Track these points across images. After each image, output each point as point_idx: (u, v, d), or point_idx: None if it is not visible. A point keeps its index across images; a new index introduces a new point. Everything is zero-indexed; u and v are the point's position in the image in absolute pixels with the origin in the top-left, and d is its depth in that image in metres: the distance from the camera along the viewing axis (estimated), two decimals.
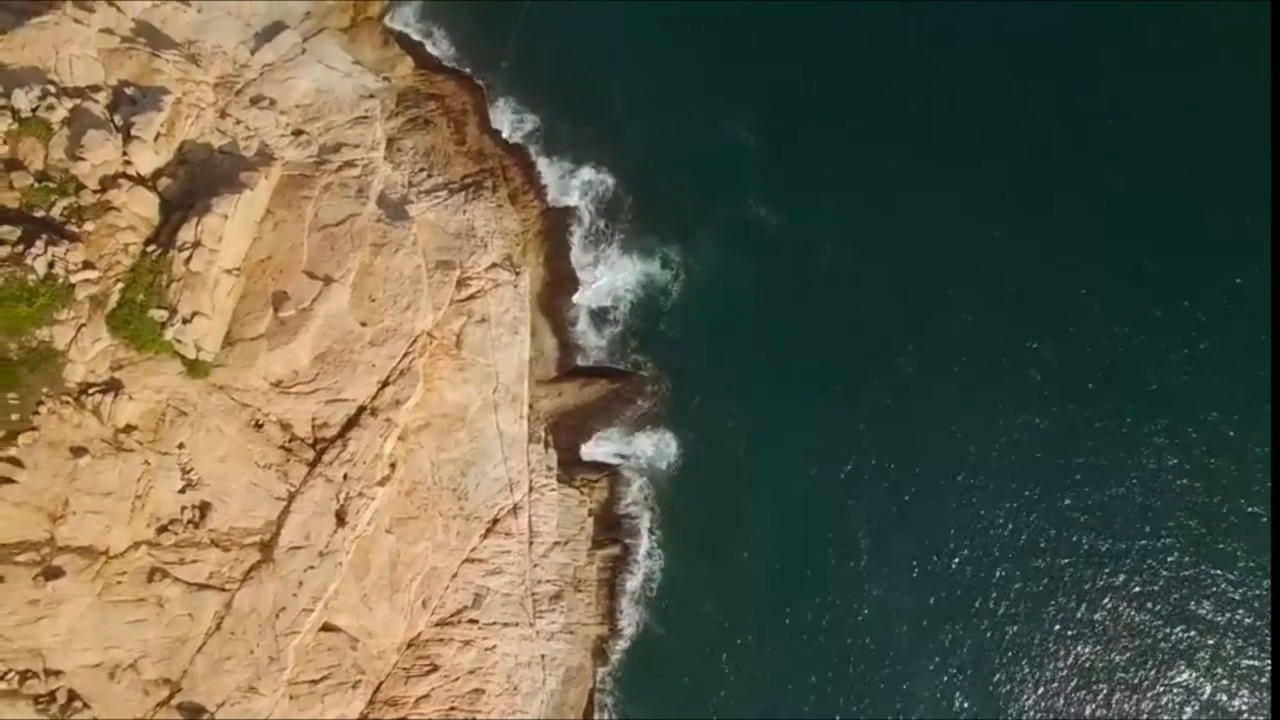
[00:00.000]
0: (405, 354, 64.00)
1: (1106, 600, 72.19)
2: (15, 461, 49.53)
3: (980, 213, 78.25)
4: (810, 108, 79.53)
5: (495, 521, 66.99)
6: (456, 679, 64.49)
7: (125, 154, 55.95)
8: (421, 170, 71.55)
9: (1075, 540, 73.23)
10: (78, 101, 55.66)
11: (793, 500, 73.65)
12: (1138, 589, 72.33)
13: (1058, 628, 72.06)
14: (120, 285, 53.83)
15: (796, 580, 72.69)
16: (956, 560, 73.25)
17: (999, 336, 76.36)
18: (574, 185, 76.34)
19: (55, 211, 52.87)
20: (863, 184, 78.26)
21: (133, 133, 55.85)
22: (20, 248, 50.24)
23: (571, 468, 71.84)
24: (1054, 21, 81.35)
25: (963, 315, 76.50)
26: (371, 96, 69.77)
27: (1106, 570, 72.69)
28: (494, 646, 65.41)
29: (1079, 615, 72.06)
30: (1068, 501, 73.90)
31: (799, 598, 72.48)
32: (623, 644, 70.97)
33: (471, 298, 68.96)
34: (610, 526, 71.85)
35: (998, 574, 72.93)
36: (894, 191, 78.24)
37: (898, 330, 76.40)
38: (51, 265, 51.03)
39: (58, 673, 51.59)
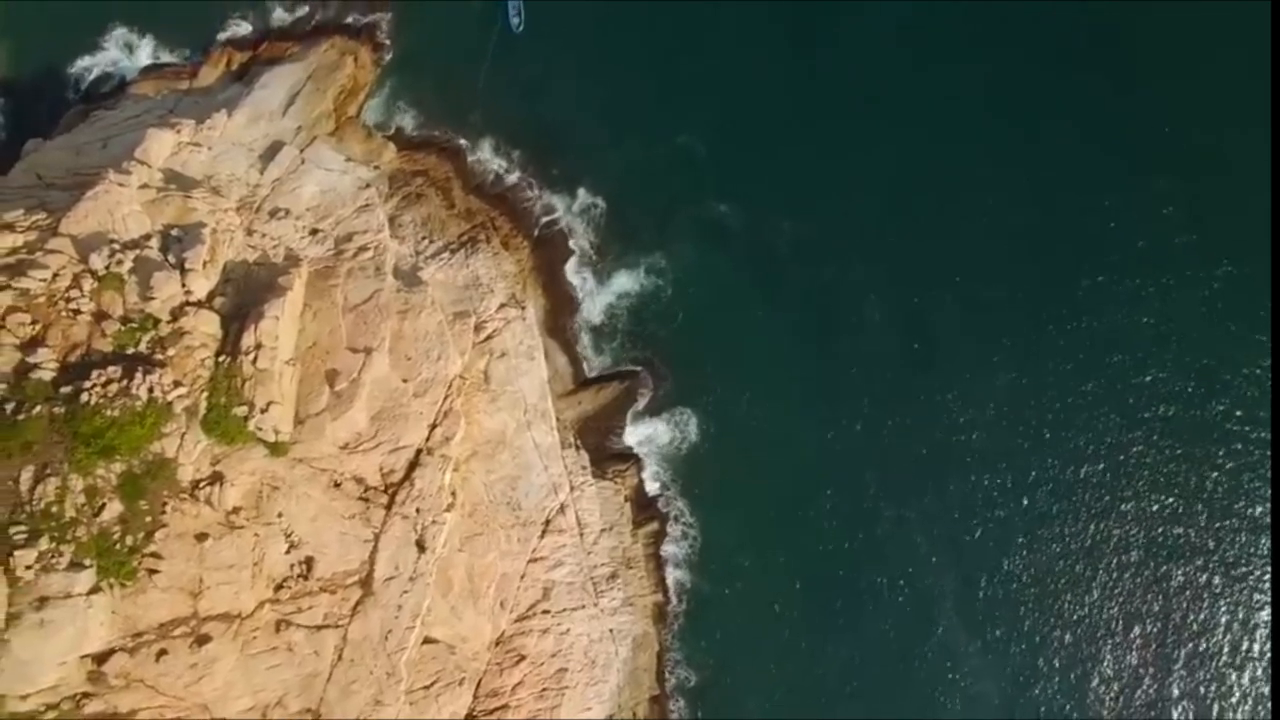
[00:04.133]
0: (445, 397, 72.28)
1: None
2: (156, 555, 58.00)
3: (918, 168, 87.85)
4: (746, 111, 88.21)
5: (548, 523, 76.00)
6: (542, 664, 73.91)
7: (184, 285, 63.88)
8: (424, 238, 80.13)
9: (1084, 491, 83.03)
10: (137, 251, 63.56)
11: (801, 454, 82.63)
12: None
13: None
14: (205, 394, 61.97)
15: (816, 521, 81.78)
16: (955, 485, 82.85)
17: (966, 287, 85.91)
18: (555, 219, 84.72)
19: (142, 346, 61.04)
20: (804, 166, 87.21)
21: (186, 266, 63.78)
22: (124, 382, 58.38)
23: (603, 463, 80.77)
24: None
25: (922, 267, 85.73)
26: (368, 186, 77.65)
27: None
28: (568, 630, 74.74)
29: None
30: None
31: (821, 538, 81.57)
32: (677, 606, 79.97)
33: (489, 338, 77.71)
34: (646, 506, 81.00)
35: (1000, 512, 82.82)
36: (831, 167, 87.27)
37: (867, 287, 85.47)
38: (151, 390, 58.97)
39: None
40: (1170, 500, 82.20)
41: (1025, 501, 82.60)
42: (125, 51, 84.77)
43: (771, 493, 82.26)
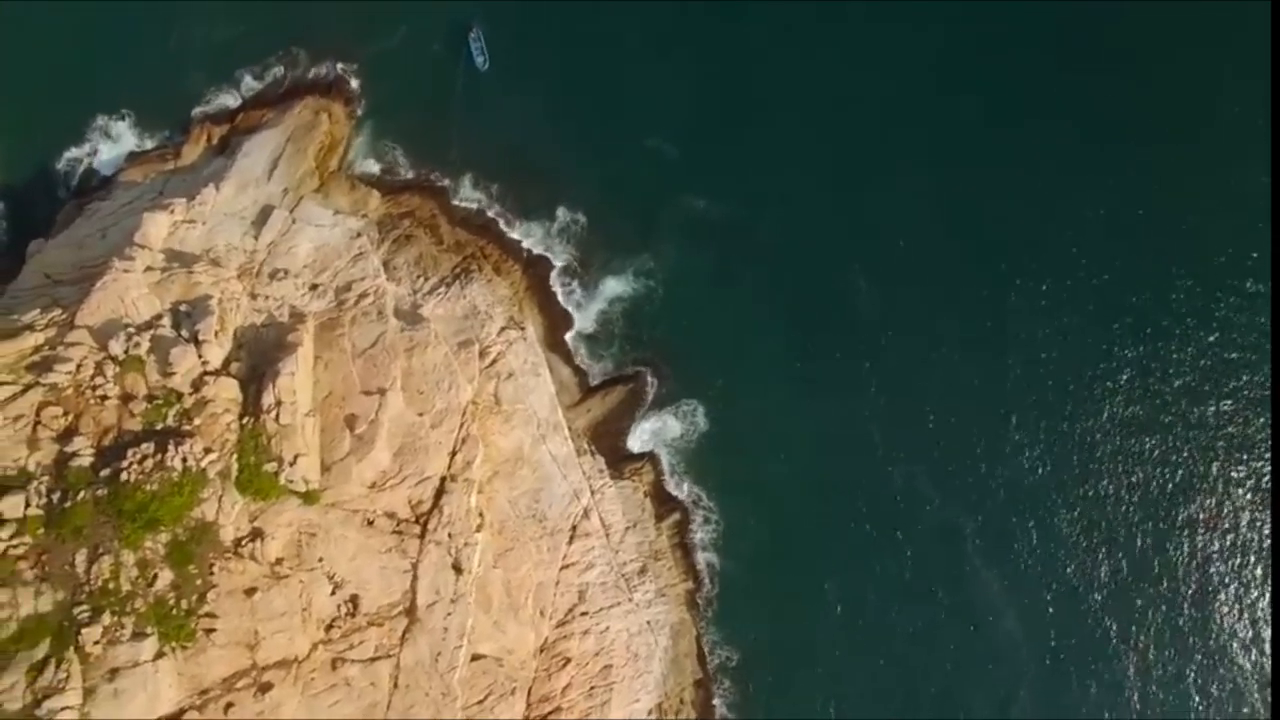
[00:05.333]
0: (460, 424, 75.28)
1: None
2: (211, 615, 61.05)
3: (880, 145, 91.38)
4: (709, 108, 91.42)
5: (574, 529, 79.42)
6: (587, 663, 77.45)
7: (201, 357, 66.80)
8: (419, 277, 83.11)
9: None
10: (151, 331, 66.48)
11: (806, 426, 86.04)
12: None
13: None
14: (235, 456, 64.99)
15: (830, 487, 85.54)
16: (956, 436, 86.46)
17: (940, 251, 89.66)
18: (540, 239, 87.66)
19: (170, 420, 64.03)
20: (772, 153, 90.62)
21: (199, 338, 66.73)
22: (159, 456, 61.28)
23: (619, 464, 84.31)
24: None
25: (897, 234, 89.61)
26: (359, 235, 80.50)
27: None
28: (607, 628, 78.32)
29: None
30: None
31: (837, 501, 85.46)
32: (709, 590, 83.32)
33: (494, 361, 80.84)
34: (665, 499, 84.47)
35: (1001, 455, 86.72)
36: (797, 150, 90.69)
37: (850, 259, 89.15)
38: (184, 461, 61.81)
39: None
40: (1173, 452, 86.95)
41: (1023, 441, 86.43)
42: (108, 140, 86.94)
43: (784, 467, 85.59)
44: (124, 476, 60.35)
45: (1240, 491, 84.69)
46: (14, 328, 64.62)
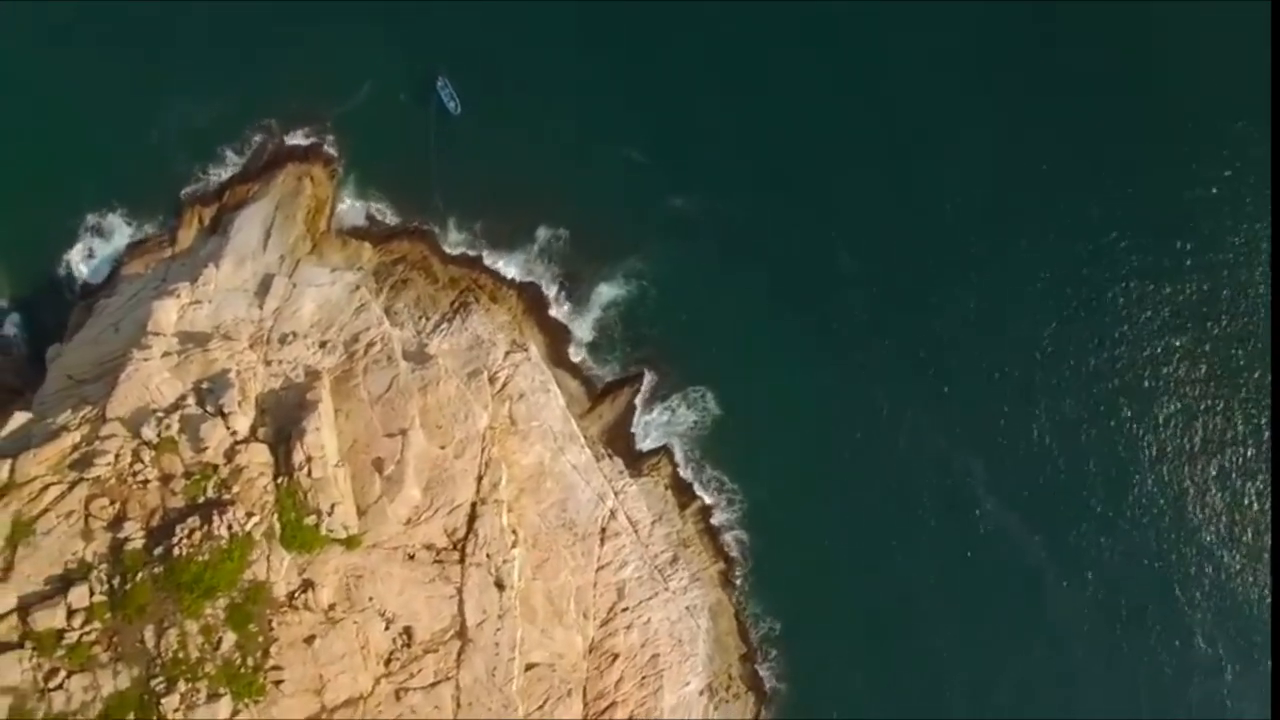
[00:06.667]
0: (482, 450, 78.60)
1: None
2: (277, 667, 64.63)
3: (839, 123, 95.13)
4: (668, 116, 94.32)
5: (603, 531, 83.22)
6: (634, 656, 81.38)
7: (228, 428, 70.23)
8: (420, 318, 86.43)
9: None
10: (179, 412, 69.77)
11: (811, 396, 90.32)
12: None
13: None
14: (276, 515, 68.51)
15: (842, 449, 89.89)
16: (955, 385, 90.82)
17: (915, 217, 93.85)
18: (529, 261, 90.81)
19: (210, 492, 67.48)
20: (741, 143, 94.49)
21: (224, 411, 70.04)
22: (205, 527, 64.85)
23: (636, 462, 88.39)
24: None
25: (872, 205, 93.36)
26: (358, 287, 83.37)
27: None
28: (648, 620, 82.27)
29: None
30: None
31: (849, 462, 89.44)
32: (741, 566, 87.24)
33: (504, 386, 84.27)
34: (685, 488, 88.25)
35: (1000, 397, 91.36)
36: (763, 136, 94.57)
37: (830, 233, 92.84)
38: (230, 528, 65.19)
39: None
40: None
41: (1019, 383, 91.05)
42: (100, 238, 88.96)
43: (795, 438, 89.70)
44: (176, 552, 63.80)
45: None
46: (51, 431, 67.71)
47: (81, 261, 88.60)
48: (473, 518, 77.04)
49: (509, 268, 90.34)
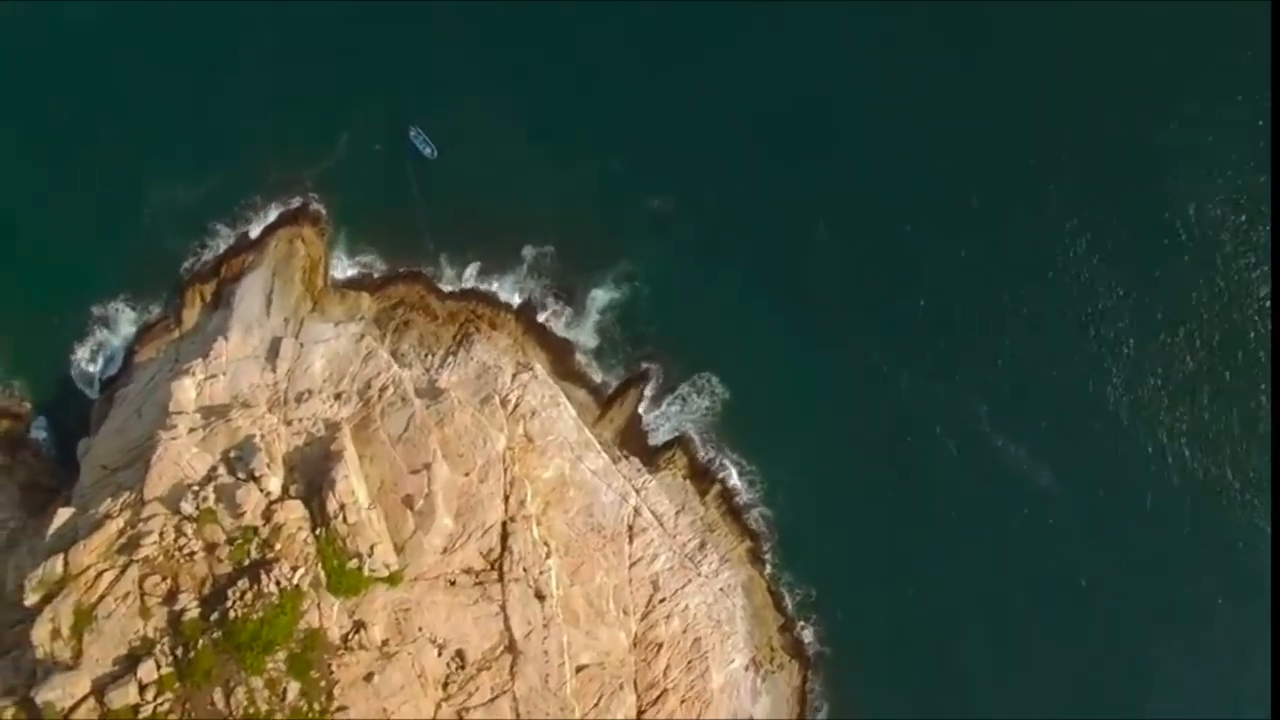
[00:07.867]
0: (504, 471, 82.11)
1: None
2: (343, 707, 68.58)
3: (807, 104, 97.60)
4: (636, 125, 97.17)
5: (630, 529, 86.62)
6: (678, 643, 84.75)
7: (262, 490, 73.59)
8: (426, 355, 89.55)
9: None
10: (213, 483, 73.06)
11: (811, 365, 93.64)
12: None
13: None
14: (319, 564, 72.04)
15: (847, 412, 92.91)
16: (947, 336, 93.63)
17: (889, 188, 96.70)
18: (520, 284, 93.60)
19: (253, 553, 71.10)
20: (706, 140, 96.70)
21: (255, 475, 73.47)
22: (255, 587, 68.64)
23: (651, 458, 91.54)
24: None
25: (841, 180, 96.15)
26: (362, 336, 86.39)
27: None
28: (686, 606, 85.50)
29: None
30: None
31: (858, 422, 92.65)
32: (768, 541, 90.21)
33: (516, 406, 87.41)
34: (703, 474, 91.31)
35: (990, 338, 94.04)
36: (727, 130, 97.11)
37: (808, 208, 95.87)
38: (279, 583, 68.87)
39: None
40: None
41: (1006, 324, 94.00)
42: (107, 329, 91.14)
43: (802, 407, 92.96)
44: (231, 615, 67.60)
45: None
46: (95, 521, 71.32)
47: (94, 357, 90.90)
48: (505, 536, 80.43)
49: (504, 292, 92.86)
